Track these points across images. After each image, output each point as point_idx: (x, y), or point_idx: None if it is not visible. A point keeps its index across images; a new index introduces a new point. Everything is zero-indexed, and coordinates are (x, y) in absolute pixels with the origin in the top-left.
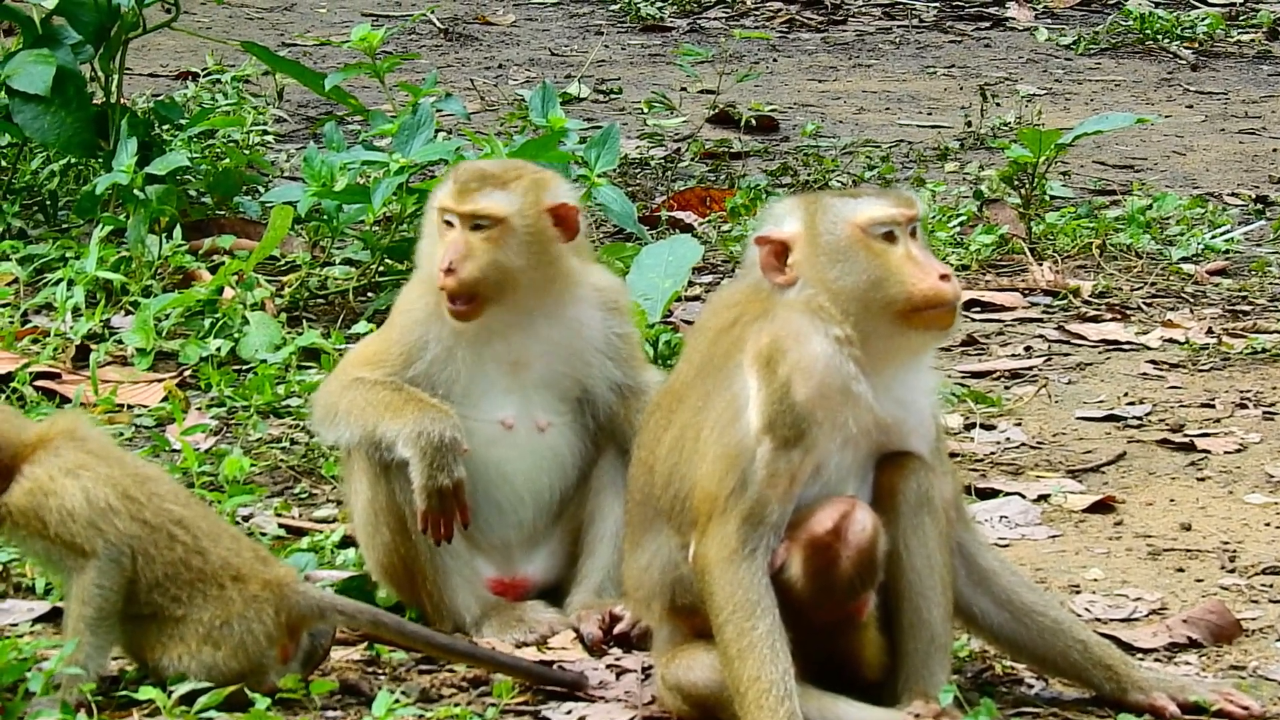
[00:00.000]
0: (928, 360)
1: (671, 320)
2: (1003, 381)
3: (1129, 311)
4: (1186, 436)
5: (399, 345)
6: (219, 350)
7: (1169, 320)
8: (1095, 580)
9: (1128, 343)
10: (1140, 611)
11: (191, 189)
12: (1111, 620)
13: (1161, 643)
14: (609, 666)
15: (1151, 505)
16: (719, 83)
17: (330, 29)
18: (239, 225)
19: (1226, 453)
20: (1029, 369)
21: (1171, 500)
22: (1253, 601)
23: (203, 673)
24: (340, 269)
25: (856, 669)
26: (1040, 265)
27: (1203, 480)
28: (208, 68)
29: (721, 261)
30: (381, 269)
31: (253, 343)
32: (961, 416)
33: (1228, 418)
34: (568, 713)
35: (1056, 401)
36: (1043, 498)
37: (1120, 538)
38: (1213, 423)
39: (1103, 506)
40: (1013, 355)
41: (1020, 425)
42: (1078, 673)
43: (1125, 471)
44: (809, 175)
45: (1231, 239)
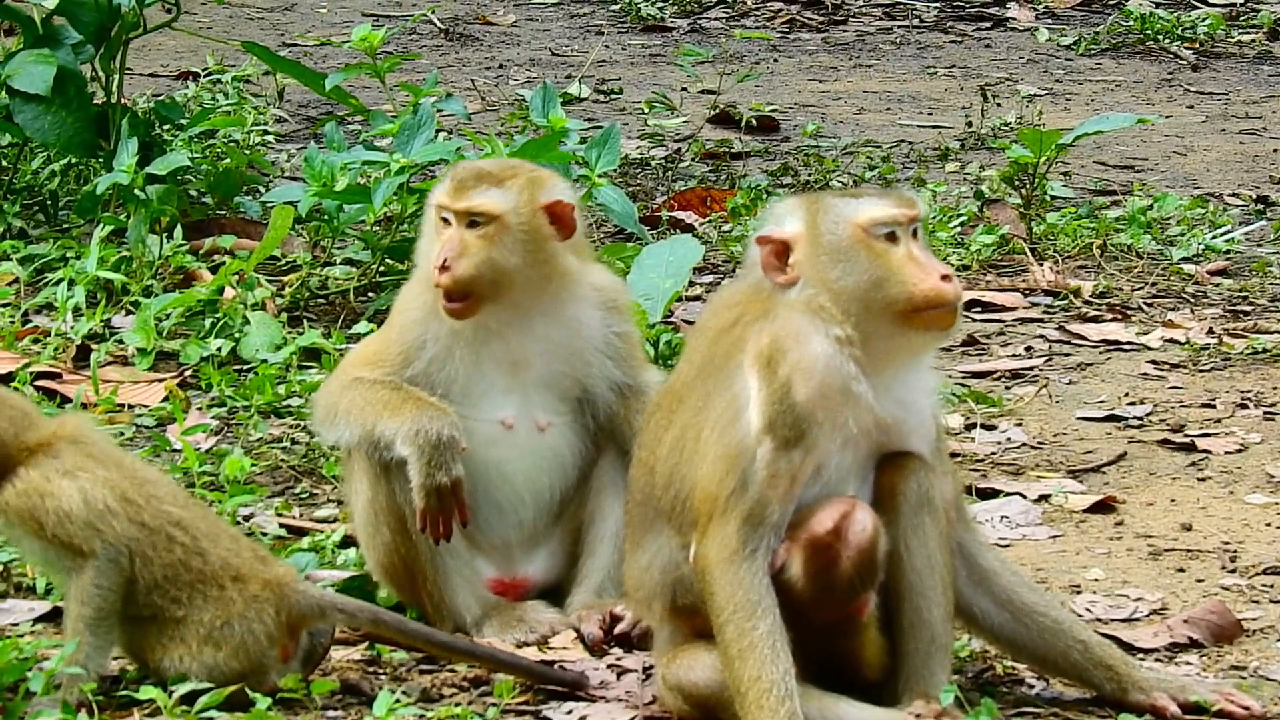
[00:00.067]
0: (928, 360)
1: (672, 320)
2: (1003, 381)
3: (1130, 312)
4: (1187, 437)
5: (398, 345)
6: (220, 350)
7: (1170, 320)
8: (1096, 580)
9: (1128, 343)
10: (1141, 612)
11: (192, 189)
12: (1112, 620)
13: (1162, 643)
14: (610, 666)
15: (1152, 505)
16: (719, 83)
17: (331, 29)
18: (240, 225)
19: (1227, 453)
20: (1030, 369)
21: (1172, 500)
22: (1253, 602)
23: (204, 673)
24: (341, 269)
25: (857, 669)
26: (1041, 265)
27: (1203, 480)
28: (208, 68)
29: (722, 261)
30: (382, 269)
31: (253, 343)
32: (962, 416)
33: (1228, 418)
34: (568, 713)
35: (1057, 402)
36: (1043, 498)
37: (1121, 538)
38: (1213, 423)
39: (1103, 507)
40: (1013, 355)
41: (1021, 425)
42: (1078, 673)
43: (1126, 472)
44: (810, 175)
45: (1232, 239)
